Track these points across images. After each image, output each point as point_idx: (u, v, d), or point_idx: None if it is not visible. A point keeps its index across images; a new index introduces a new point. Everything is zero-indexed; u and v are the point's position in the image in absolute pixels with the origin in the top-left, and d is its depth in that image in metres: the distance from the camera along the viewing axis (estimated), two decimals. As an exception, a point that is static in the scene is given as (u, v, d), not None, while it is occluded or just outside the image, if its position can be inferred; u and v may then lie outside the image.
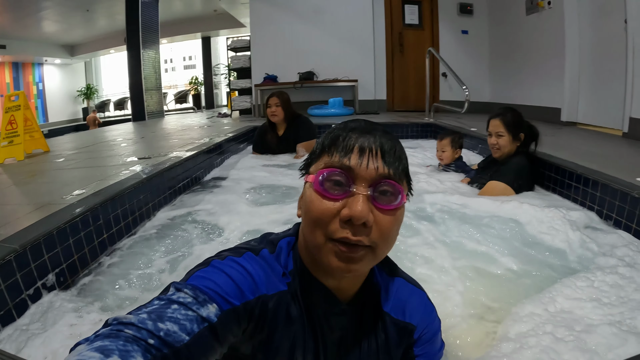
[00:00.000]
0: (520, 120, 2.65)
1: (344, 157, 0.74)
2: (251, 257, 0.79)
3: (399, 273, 0.95)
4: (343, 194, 0.72)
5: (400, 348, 0.91)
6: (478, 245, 1.92)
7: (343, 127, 0.79)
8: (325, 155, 0.77)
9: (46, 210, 1.84)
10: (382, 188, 0.73)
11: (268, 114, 3.95)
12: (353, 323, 0.86)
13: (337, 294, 0.83)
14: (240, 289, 0.73)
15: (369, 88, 7.86)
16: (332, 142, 0.77)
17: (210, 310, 0.66)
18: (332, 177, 0.73)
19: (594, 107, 5.16)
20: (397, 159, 0.76)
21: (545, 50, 5.93)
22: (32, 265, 1.42)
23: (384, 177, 0.73)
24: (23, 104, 4.02)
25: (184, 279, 0.74)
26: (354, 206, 0.70)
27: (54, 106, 16.77)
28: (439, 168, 3.30)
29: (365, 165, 0.73)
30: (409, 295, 0.92)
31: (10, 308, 1.31)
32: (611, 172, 2.35)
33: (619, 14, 4.41)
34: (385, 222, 0.73)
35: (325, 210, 0.72)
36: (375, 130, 0.77)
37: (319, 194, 0.73)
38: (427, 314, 0.93)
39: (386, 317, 0.88)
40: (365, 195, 0.72)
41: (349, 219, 0.70)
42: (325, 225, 0.72)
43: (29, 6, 11.08)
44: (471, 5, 7.80)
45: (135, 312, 0.63)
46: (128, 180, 2.34)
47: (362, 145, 0.74)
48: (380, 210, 0.73)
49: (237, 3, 11.67)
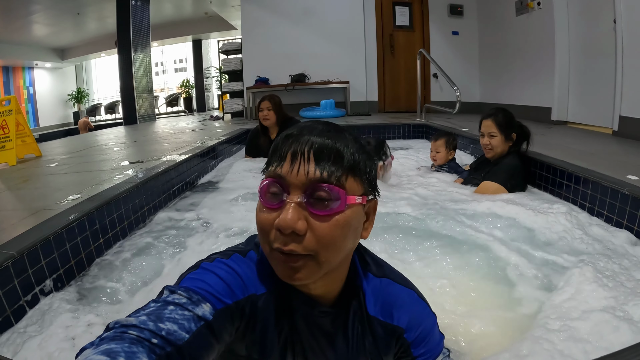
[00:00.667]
0: (512, 120, 2.69)
1: (278, 165, 0.73)
2: (239, 259, 0.80)
3: (387, 273, 0.92)
4: (278, 203, 0.72)
5: (391, 350, 0.90)
6: (472, 243, 1.94)
7: (285, 135, 0.76)
8: (270, 165, 0.76)
9: (41, 216, 1.84)
10: (317, 193, 0.71)
11: (260, 117, 3.96)
12: (339, 325, 0.85)
13: (316, 297, 0.82)
14: (230, 289, 0.74)
15: (361, 89, 7.89)
16: (273, 151, 0.76)
17: (205, 310, 0.68)
18: (270, 189, 0.73)
19: (584, 106, 5.22)
20: (337, 159, 0.73)
21: (535, 50, 5.99)
22: (29, 271, 1.42)
23: (316, 181, 0.71)
24: (15, 109, 4.00)
25: (176, 282, 0.75)
26: (281, 215, 0.70)
27: (44, 110, 16.62)
28: (432, 169, 3.32)
29: (296, 172, 0.71)
30: (396, 297, 0.90)
31: (9, 314, 1.31)
32: (602, 170, 2.38)
33: (608, 13, 4.46)
34: (323, 229, 0.71)
35: (264, 220, 0.72)
36: (313, 131, 0.75)
37: (262, 205, 0.74)
38: (418, 313, 0.91)
39: (373, 321, 0.87)
40: (296, 202, 0.70)
41: (277, 228, 0.70)
42: (267, 234, 0.72)
43: (19, 9, 10.98)
44: (461, 7, 7.85)
45: (135, 314, 0.65)
46: (122, 184, 2.34)
47: (295, 150, 0.72)
48: (315, 216, 0.71)
49: (228, 6, 11.67)
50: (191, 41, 16.48)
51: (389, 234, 2.03)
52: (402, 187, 2.93)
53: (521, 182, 2.68)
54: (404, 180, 3.14)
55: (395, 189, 2.86)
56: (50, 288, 1.51)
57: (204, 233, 2.22)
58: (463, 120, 5.62)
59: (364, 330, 0.87)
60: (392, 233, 2.04)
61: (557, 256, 1.79)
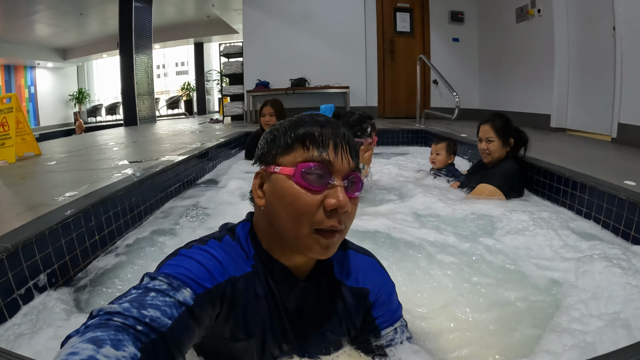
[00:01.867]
0: (510, 125, 2.70)
1: (322, 151, 0.81)
2: (215, 244, 0.84)
3: (349, 246, 1.02)
4: (323, 186, 0.80)
5: (360, 312, 0.97)
6: (466, 246, 1.94)
7: (312, 122, 0.84)
8: (299, 148, 0.82)
9: (38, 211, 1.83)
10: (352, 179, 0.83)
11: (262, 122, 3.97)
12: (311, 296, 0.92)
13: (295, 272, 0.89)
14: (210, 273, 0.77)
15: (360, 95, 7.91)
16: (307, 135, 0.82)
17: (186, 295, 0.70)
18: (315, 171, 0.79)
19: (583, 113, 5.23)
20: (356, 153, 0.87)
21: (535, 57, 6.01)
22: (24, 264, 1.41)
23: (352, 170, 0.84)
24: (15, 106, 4.00)
25: (155, 269, 0.78)
26: (337, 197, 0.79)
27: (45, 110, 16.65)
28: (430, 172, 3.32)
29: (341, 160, 0.82)
30: (360, 263, 1.00)
31: (2, 307, 1.31)
32: (599, 176, 2.38)
33: (607, 21, 4.48)
34: (353, 208, 0.84)
35: (310, 202, 0.79)
36: (339, 126, 0.86)
37: (301, 187, 0.79)
38: (379, 277, 1.01)
39: (341, 286, 0.95)
40: (343, 186, 0.81)
41: (334, 208, 0.79)
42: (310, 216, 0.79)
43: (22, 9, 11.02)
44: (462, 13, 7.89)
45: (117, 301, 0.66)
46: (120, 182, 2.34)
47: (335, 141, 0.82)
48: (350, 198, 0.82)
49: (230, 9, 11.71)
50: (193, 44, 16.52)
51: (378, 238, 2.04)
52: (398, 190, 2.93)
53: (518, 186, 2.69)
54: (401, 182, 3.14)
55: (390, 192, 2.86)
56: (44, 283, 1.50)
57: (202, 232, 2.21)
58: (462, 127, 5.62)
59: (334, 296, 0.95)
60: (380, 238, 2.04)
61: (551, 260, 1.78)
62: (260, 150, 0.92)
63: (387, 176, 3.38)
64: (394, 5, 7.88)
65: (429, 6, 7.90)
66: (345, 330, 0.97)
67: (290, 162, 0.82)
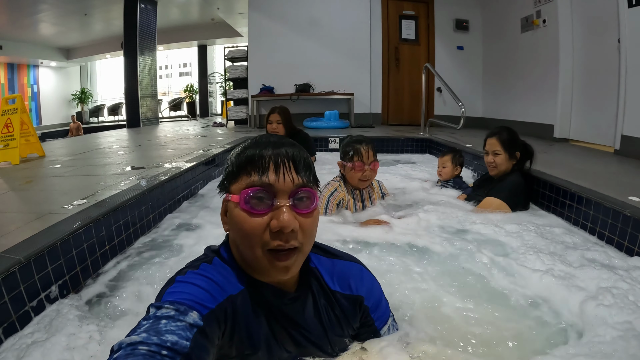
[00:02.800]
0: (516, 138, 2.71)
1: (262, 175, 0.83)
2: (207, 267, 0.87)
3: (335, 253, 1.07)
4: (267, 208, 0.82)
5: (357, 316, 1.03)
6: (471, 258, 1.94)
7: (254, 145, 0.87)
8: (243, 175, 0.86)
9: (47, 220, 1.84)
10: (300, 196, 0.84)
11: (268, 130, 4.00)
12: (307, 305, 0.95)
13: (281, 286, 0.92)
14: (210, 294, 0.80)
15: (365, 101, 7.92)
16: (248, 162, 0.85)
17: (194, 317, 0.73)
18: (256, 195, 0.82)
19: (587, 124, 5.24)
20: (306, 167, 0.87)
21: (539, 67, 6.02)
22: (35, 277, 1.42)
23: (300, 186, 0.85)
24: (20, 108, 4.02)
25: (157, 299, 0.80)
26: (280, 217, 0.81)
27: (47, 109, 16.67)
28: (438, 184, 3.33)
29: (283, 179, 0.83)
30: (349, 271, 1.04)
31: (14, 320, 1.31)
32: (604, 190, 2.39)
33: (613, 33, 4.50)
34: (307, 224, 0.85)
35: (255, 225, 0.82)
36: (283, 144, 0.87)
37: (246, 212, 0.82)
38: (369, 282, 1.07)
39: (336, 295, 1.00)
40: (288, 205, 0.82)
41: (278, 229, 0.81)
42: (258, 238, 0.82)
43: (27, 8, 11.04)
44: (467, 22, 7.91)
45: (134, 333, 0.68)
46: (129, 191, 2.35)
47: (276, 161, 0.84)
48: (301, 214, 0.84)
49: (235, 13, 11.73)
50: (197, 46, 16.53)
51: (377, 247, 2.05)
52: (403, 200, 2.94)
53: (523, 200, 2.70)
54: (407, 192, 3.15)
55: (396, 202, 2.87)
56: (55, 294, 1.51)
57: (213, 239, 2.21)
58: (466, 136, 5.63)
59: (331, 304, 1.00)
60: (380, 247, 2.05)
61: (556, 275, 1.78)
62: (221, 179, 0.94)
63: (393, 185, 3.39)
64: (399, 13, 7.91)
65: (434, 14, 7.93)
66: (346, 332, 1.03)
67: (237, 190, 0.86)
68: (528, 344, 1.33)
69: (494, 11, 7.46)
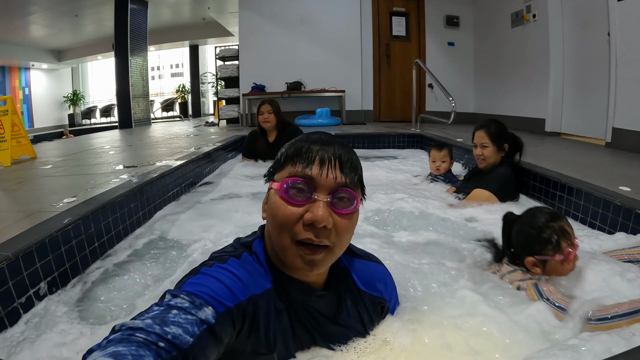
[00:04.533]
0: (504, 131, 2.72)
1: (306, 167, 0.84)
2: (235, 262, 0.86)
3: (361, 254, 1.09)
4: (305, 200, 0.83)
5: (379, 316, 1.07)
6: (460, 248, 1.95)
7: (305, 139, 0.89)
8: (288, 165, 0.87)
9: (36, 218, 1.83)
10: (340, 195, 0.84)
11: (260, 120, 4.01)
12: (333, 303, 0.96)
13: (310, 283, 0.93)
14: (231, 292, 0.79)
15: (356, 99, 7.92)
16: (295, 153, 0.87)
17: (208, 313, 0.71)
18: (296, 185, 0.83)
19: (578, 118, 5.27)
20: (353, 169, 0.87)
21: (530, 61, 6.05)
22: (24, 273, 1.41)
23: (341, 185, 0.85)
24: (11, 109, 3.99)
25: (177, 286, 0.79)
26: (315, 211, 0.81)
27: (39, 111, 16.54)
28: (428, 178, 3.33)
29: (325, 175, 0.84)
30: (374, 272, 1.07)
31: (3, 317, 1.30)
32: (595, 181, 2.41)
33: (602, 26, 4.53)
34: (343, 225, 0.85)
35: (290, 214, 0.83)
36: (334, 143, 0.88)
37: (284, 200, 0.83)
38: (389, 281, 1.11)
39: (365, 296, 1.02)
40: (325, 201, 0.83)
41: (311, 222, 0.81)
42: (290, 228, 0.83)
43: (17, 10, 10.95)
44: (457, 18, 7.94)
45: (140, 317, 0.67)
46: (118, 188, 2.34)
47: (322, 157, 0.85)
48: (338, 214, 0.84)
49: (226, 12, 11.69)
50: (188, 46, 16.47)
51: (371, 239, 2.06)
52: (394, 194, 2.94)
53: (513, 191, 2.71)
54: (398, 187, 3.15)
55: (387, 197, 2.87)
56: (45, 291, 1.50)
57: (205, 236, 2.18)
58: (457, 131, 5.65)
59: (356, 303, 1.01)
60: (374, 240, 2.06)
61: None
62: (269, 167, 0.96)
63: (384, 181, 3.39)
64: (389, 10, 7.92)
65: (424, 10, 7.94)
66: (367, 329, 1.05)
67: (280, 178, 0.87)
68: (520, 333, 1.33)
69: (485, 7, 7.49)
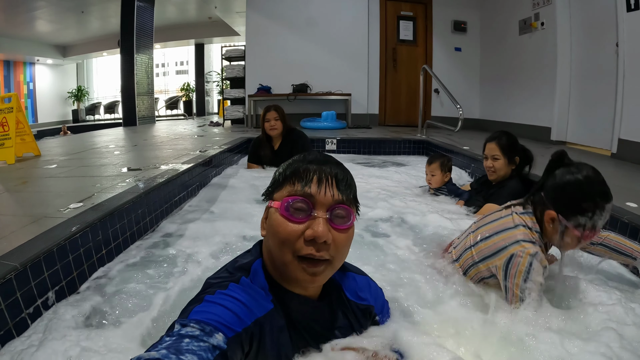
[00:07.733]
0: (516, 144, 2.70)
1: (305, 186, 0.89)
2: (236, 287, 0.88)
3: (349, 267, 1.13)
4: (306, 217, 0.87)
5: (368, 322, 1.11)
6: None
7: (302, 160, 0.94)
8: (287, 184, 0.91)
9: (43, 224, 1.82)
10: (337, 211, 0.89)
11: (266, 127, 3.98)
12: (327, 313, 1.01)
13: (308, 296, 0.97)
14: (238, 317, 0.81)
15: (362, 102, 7.92)
16: (294, 173, 0.92)
17: (219, 339, 0.73)
18: (296, 204, 0.88)
19: (584, 128, 5.26)
20: (348, 186, 0.92)
21: (537, 69, 6.04)
22: (32, 283, 1.41)
23: (338, 202, 0.89)
24: (16, 106, 3.99)
25: (182, 315, 0.81)
26: (316, 228, 0.86)
27: (43, 107, 16.57)
28: (430, 192, 3.29)
29: (324, 193, 0.88)
30: (360, 283, 1.12)
31: (10, 327, 1.30)
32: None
33: (611, 37, 4.52)
34: (341, 239, 0.90)
35: (291, 232, 0.87)
36: (329, 162, 0.94)
37: (285, 218, 0.88)
38: (375, 291, 1.15)
39: (352, 304, 1.07)
40: (324, 218, 0.87)
41: (312, 238, 0.86)
42: (291, 244, 0.87)
43: (24, 4, 10.98)
44: (465, 23, 7.93)
45: (154, 349, 0.68)
46: (126, 194, 2.32)
47: (320, 176, 0.90)
48: (336, 229, 0.89)
49: (233, 12, 11.70)
50: (194, 45, 16.47)
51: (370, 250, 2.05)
52: (399, 205, 2.93)
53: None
54: (401, 197, 3.13)
55: (390, 207, 2.86)
56: (53, 301, 1.49)
57: (213, 243, 2.19)
58: (463, 137, 5.62)
59: (346, 312, 1.05)
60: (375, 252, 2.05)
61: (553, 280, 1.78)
62: (267, 187, 1.01)
63: (387, 190, 3.37)
64: (397, 13, 7.91)
65: (432, 15, 7.94)
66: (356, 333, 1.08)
67: (280, 197, 0.91)
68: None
69: (492, 13, 7.48)
